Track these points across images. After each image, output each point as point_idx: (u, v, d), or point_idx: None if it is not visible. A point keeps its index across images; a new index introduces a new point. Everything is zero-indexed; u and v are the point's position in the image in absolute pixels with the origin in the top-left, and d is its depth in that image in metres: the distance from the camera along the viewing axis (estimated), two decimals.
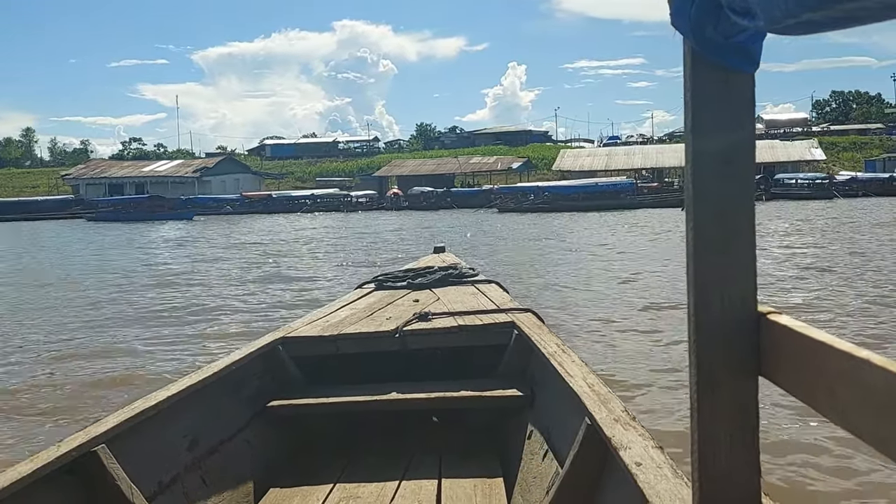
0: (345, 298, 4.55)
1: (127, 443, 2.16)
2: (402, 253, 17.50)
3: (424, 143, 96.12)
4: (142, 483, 2.11)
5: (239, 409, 2.96)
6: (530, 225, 30.03)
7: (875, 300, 8.87)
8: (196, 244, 25.09)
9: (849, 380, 0.77)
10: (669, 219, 29.93)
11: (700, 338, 0.98)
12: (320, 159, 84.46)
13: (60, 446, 1.97)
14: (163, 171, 68.24)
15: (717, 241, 0.97)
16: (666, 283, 10.72)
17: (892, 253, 14.41)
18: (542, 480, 2.46)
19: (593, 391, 2.23)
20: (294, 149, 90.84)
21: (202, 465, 2.52)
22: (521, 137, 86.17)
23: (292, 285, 12.59)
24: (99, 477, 2.01)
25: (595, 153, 65.45)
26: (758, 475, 1.00)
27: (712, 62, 0.93)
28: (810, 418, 4.33)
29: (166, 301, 10.87)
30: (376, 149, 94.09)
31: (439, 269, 5.03)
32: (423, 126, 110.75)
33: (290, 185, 72.26)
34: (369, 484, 2.68)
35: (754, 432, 0.99)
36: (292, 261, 17.21)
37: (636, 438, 1.80)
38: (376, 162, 76.80)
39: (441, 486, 2.64)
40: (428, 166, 67.60)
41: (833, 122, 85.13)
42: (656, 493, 1.48)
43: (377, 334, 3.43)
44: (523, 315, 3.50)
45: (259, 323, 8.47)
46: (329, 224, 37.19)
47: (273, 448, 3.00)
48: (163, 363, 6.70)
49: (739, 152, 0.96)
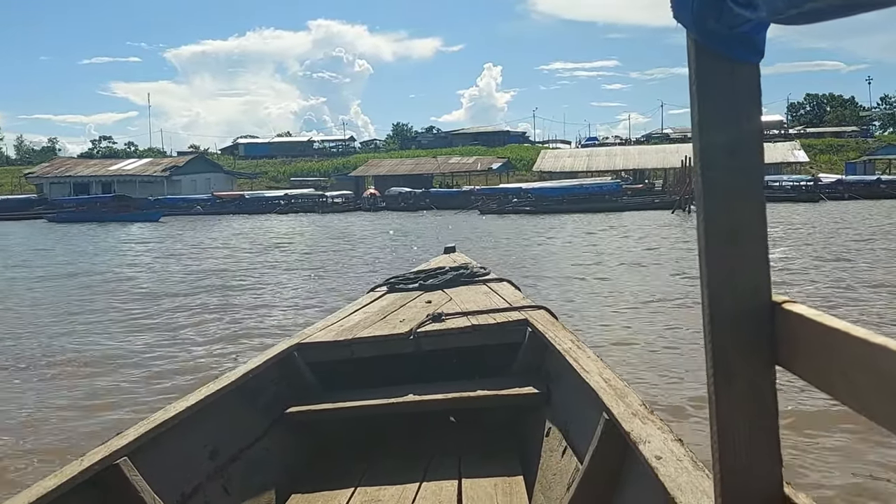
0: (358, 302, 4.49)
1: (148, 455, 2.15)
2: (388, 265, 15.52)
3: (401, 143, 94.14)
4: (165, 494, 2.10)
5: (257, 416, 2.95)
6: (516, 228, 28.30)
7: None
8: (147, 248, 22.94)
9: (866, 366, 0.76)
10: (663, 223, 28.35)
11: (715, 329, 0.97)
12: (295, 159, 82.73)
13: (83, 460, 1.96)
14: (131, 170, 65.27)
15: (727, 233, 0.96)
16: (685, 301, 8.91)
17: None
18: (562, 477, 2.42)
19: (610, 386, 2.22)
20: (268, 148, 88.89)
21: (223, 474, 2.50)
22: (498, 138, 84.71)
23: (237, 316, 9.41)
24: (122, 490, 2.00)
25: (576, 154, 64.03)
26: (779, 465, 0.99)
27: (716, 54, 0.92)
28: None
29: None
30: (352, 148, 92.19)
31: (451, 270, 4.95)
32: (399, 126, 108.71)
33: (263, 184, 70.57)
34: (390, 487, 2.66)
35: (774, 422, 0.98)
36: (250, 274, 14.60)
37: (655, 432, 1.79)
38: (352, 162, 74.84)
39: (461, 487, 2.62)
40: (406, 166, 65.53)
41: (808, 124, 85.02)
42: (678, 485, 1.48)
43: (391, 337, 3.40)
44: (537, 312, 3.48)
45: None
46: (304, 227, 35.10)
47: (292, 454, 2.99)
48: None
49: (747, 144, 0.95)
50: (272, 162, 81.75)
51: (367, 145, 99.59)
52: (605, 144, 77.60)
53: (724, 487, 0.98)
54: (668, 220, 30.21)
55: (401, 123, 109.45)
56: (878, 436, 3.99)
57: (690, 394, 5.14)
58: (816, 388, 0.89)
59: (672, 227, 26.21)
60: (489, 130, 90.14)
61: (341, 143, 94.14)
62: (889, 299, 9.28)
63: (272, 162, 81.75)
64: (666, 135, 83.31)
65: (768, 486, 0.99)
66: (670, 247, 18.12)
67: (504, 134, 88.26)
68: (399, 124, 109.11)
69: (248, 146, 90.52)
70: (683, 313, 8.40)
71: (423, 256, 10.71)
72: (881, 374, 0.73)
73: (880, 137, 73.96)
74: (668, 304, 9.29)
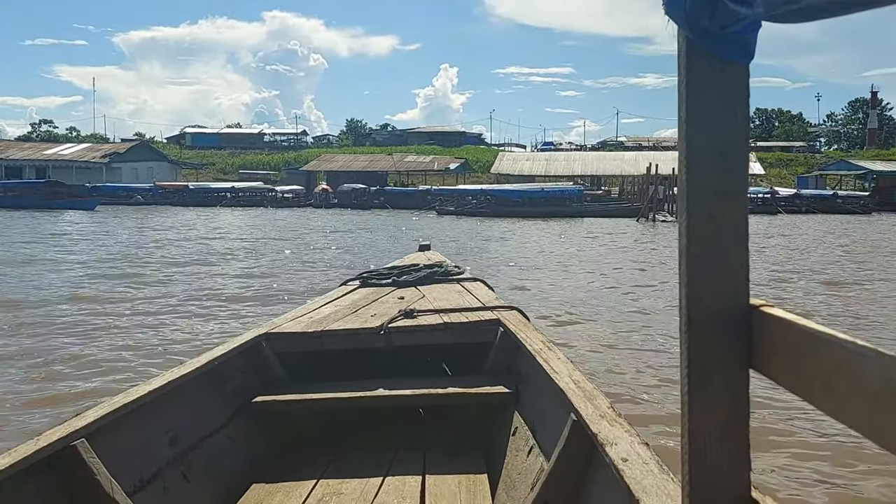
0: (329, 295, 4.46)
1: (107, 437, 2.11)
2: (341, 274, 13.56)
3: (355, 140, 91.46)
4: (122, 478, 2.06)
5: (222, 404, 2.89)
6: (474, 231, 26.45)
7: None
8: (70, 241, 20.37)
9: (843, 371, 0.75)
10: (634, 234, 26.96)
11: (692, 330, 0.96)
12: (244, 151, 79.67)
13: (39, 440, 1.92)
14: (67, 155, 61.15)
15: (709, 234, 0.95)
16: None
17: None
18: (527, 476, 2.40)
19: (579, 388, 2.21)
20: (217, 139, 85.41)
21: (184, 461, 2.45)
22: (454, 138, 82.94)
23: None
24: (78, 471, 1.96)
25: (534, 157, 62.68)
26: (748, 468, 0.99)
27: (707, 53, 0.92)
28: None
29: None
30: (304, 143, 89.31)
31: (424, 267, 4.92)
32: (353, 122, 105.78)
33: (210, 176, 67.63)
34: (353, 480, 2.64)
35: (745, 425, 0.98)
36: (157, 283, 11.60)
37: (622, 434, 1.78)
38: (304, 156, 72.10)
39: (425, 483, 2.59)
40: (360, 162, 63.07)
41: (757, 138, 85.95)
42: (643, 488, 1.47)
43: (362, 331, 3.37)
44: (509, 313, 3.47)
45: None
46: (249, 222, 32.66)
47: (256, 444, 2.95)
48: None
49: (734, 145, 0.94)
50: (220, 153, 78.53)
51: (319, 140, 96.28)
52: (560, 150, 76.57)
53: (693, 488, 0.98)
54: (638, 230, 28.88)
55: (355, 119, 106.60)
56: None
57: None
58: (792, 393, 0.87)
59: (645, 241, 24.79)
60: (445, 130, 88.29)
61: (293, 137, 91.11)
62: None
63: (220, 153, 78.53)
64: (621, 142, 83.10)
65: (736, 489, 0.98)
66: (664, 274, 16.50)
67: (460, 135, 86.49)
68: (353, 120, 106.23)
69: (196, 136, 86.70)
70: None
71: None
72: (859, 378, 0.72)
73: (827, 153, 75.00)
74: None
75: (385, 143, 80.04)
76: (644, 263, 15.28)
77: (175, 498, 2.32)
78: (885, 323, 8.62)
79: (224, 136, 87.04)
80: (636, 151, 61.75)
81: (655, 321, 8.42)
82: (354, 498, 2.48)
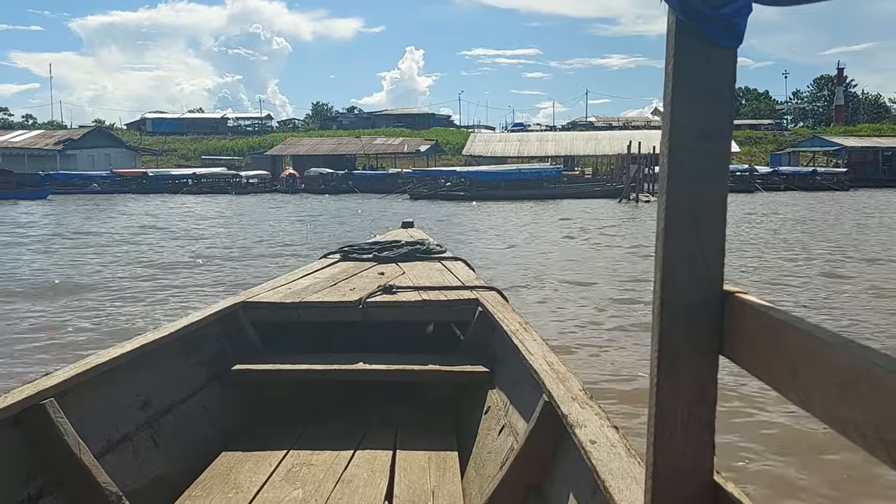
0: (308, 267, 4.43)
1: (77, 398, 2.09)
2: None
3: (321, 123, 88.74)
4: (90, 439, 2.03)
5: (195, 371, 2.87)
6: (453, 216, 24.73)
7: None
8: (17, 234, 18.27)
9: (811, 360, 0.75)
10: (621, 215, 25.53)
11: (664, 314, 0.96)
12: (207, 136, 76.82)
13: (6, 397, 1.90)
14: (19, 142, 57.78)
15: (688, 218, 0.94)
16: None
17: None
18: (496, 455, 2.40)
19: (552, 369, 2.20)
20: (178, 124, 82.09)
21: (154, 426, 2.44)
22: (423, 121, 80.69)
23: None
24: (45, 430, 1.93)
25: (507, 138, 60.77)
26: (712, 453, 1.00)
27: (695, 36, 0.92)
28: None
29: None
30: (269, 127, 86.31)
31: (406, 244, 4.86)
32: (319, 105, 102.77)
33: (172, 162, 65.01)
34: (324, 452, 2.63)
35: (711, 411, 0.98)
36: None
37: (592, 417, 1.79)
38: (269, 141, 69.45)
39: (396, 457, 2.59)
40: (327, 145, 60.69)
41: None
42: (609, 470, 1.47)
43: (340, 304, 3.34)
44: (488, 293, 3.42)
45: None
46: (211, 210, 30.57)
47: (228, 412, 2.93)
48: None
49: (717, 127, 0.94)
50: (182, 139, 75.47)
51: (285, 124, 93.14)
52: (531, 131, 74.89)
53: (657, 471, 0.98)
54: (624, 212, 27.45)
55: (321, 103, 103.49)
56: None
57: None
58: (759, 380, 0.87)
59: (633, 223, 23.31)
60: (413, 112, 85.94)
61: (257, 122, 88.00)
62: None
63: (182, 139, 75.47)
64: (590, 123, 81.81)
65: (699, 472, 0.99)
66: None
67: (429, 116, 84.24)
68: (319, 104, 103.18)
69: (157, 122, 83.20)
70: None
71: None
72: (826, 367, 0.72)
73: (795, 130, 74.63)
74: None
75: (352, 127, 77.61)
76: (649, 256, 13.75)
77: (143, 461, 2.30)
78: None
79: (186, 122, 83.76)
80: (609, 131, 60.45)
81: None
82: (324, 469, 2.48)
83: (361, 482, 2.38)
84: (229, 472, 2.44)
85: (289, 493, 2.30)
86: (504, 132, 74.96)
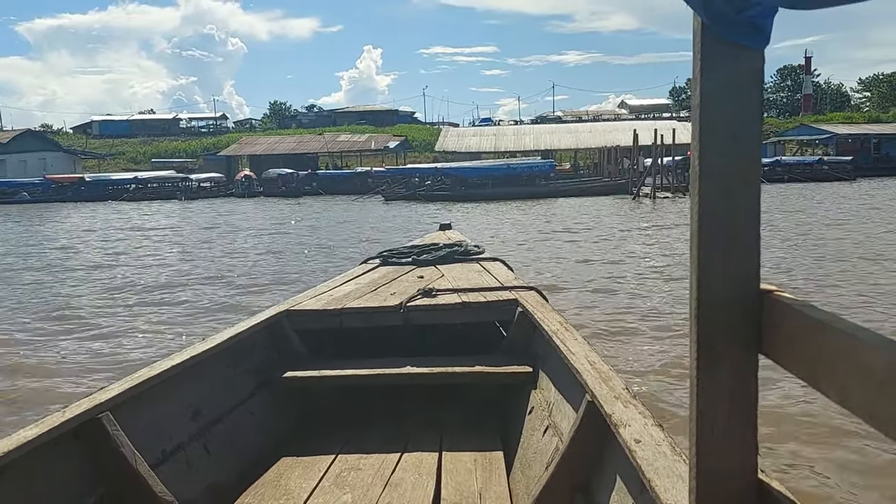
0: (349, 273, 4.33)
1: (131, 411, 2.10)
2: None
3: (279, 123, 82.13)
4: (145, 451, 2.04)
5: (242, 380, 2.84)
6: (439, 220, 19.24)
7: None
8: None
9: (850, 358, 0.74)
10: (632, 215, 20.43)
11: (702, 314, 0.95)
12: (158, 138, 70.08)
13: (65, 412, 1.89)
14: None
15: (722, 218, 0.93)
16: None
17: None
18: (541, 456, 2.36)
19: (594, 369, 2.18)
20: (128, 126, 75.33)
21: (205, 435, 2.42)
22: (386, 117, 75.02)
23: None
24: (103, 443, 1.93)
25: (481, 132, 55.36)
26: (755, 451, 0.97)
27: (722, 37, 0.90)
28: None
29: None
30: (224, 128, 79.68)
31: (444, 246, 4.81)
32: (277, 104, 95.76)
33: (120, 166, 58.40)
34: (371, 455, 2.60)
35: (753, 409, 0.96)
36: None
37: (636, 416, 1.75)
38: (224, 141, 63.26)
39: (441, 459, 2.55)
40: (286, 144, 54.55)
41: (688, 108, 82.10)
42: (654, 469, 1.44)
43: (381, 309, 3.28)
44: (527, 293, 3.33)
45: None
46: (149, 221, 24.54)
47: (276, 420, 2.91)
48: None
49: (747, 128, 0.92)
50: (131, 142, 68.95)
51: (241, 125, 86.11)
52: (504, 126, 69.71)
53: (700, 470, 0.96)
54: (644, 214, 22.35)
55: (279, 102, 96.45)
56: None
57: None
58: (799, 379, 0.86)
59: (667, 231, 18.11)
60: (377, 109, 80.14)
61: (212, 122, 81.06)
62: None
63: (131, 142, 68.95)
64: (558, 117, 77.22)
65: (744, 471, 0.97)
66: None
67: (392, 113, 78.53)
68: (277, 103, 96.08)
69: (105, 124, 75.99)
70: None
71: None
72: (864, 366, 0.72)
73: (766, 120, 71.26)
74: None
75: (312, 125, 71.63)
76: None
77: (196, 470, 2.29)
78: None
79: (136, 123, 76.75)
80: (590, 123, 55.68)
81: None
82: (372, 473, 2.45)
83: (409, 485, 2.36)
84: (280, 479, 2.43)
85: (338, 497, 2.30)
86: (475, 128, 69.62)
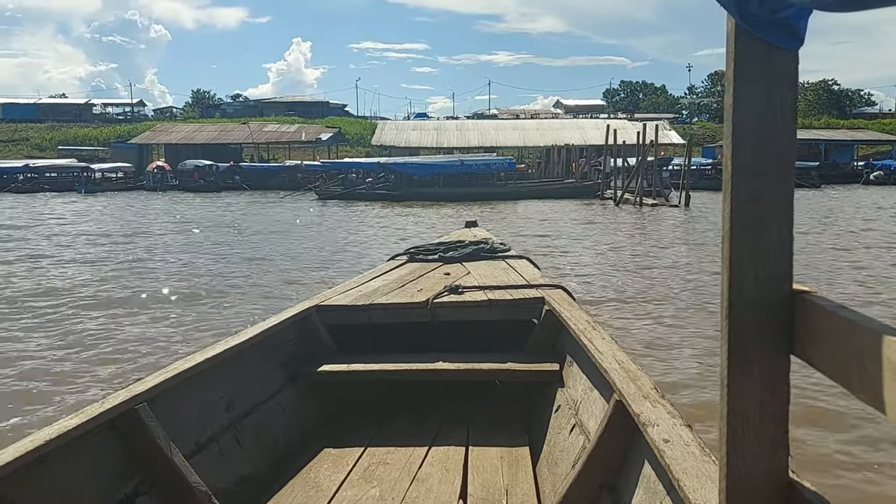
0: (377, 270, 4.32)
1: (166, 402, 2.10)
2: None
3: (202, 112, 74.94)
4: (180, 441, 2.05)
5: (273, 373, 2.84)
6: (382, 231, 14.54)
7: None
8: None
9: (882, 359, 0.72)
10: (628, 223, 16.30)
11: (733, 315, 0.92)
12: (68, 124, 62.04)
13: (104, 403, 1.91)
14: None
15: (754, 219, 0.91)
16: None
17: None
18: (568, 454, 2.32)
19: (622, 368, 2.12)
20: (34, 110, 66.90)
21: (237, 427, 2.43)
22: (317, 109, 69.14)
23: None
24: (140, 433, 1.95)
25: (422, 126, 50.84)
26: (786, 451, 0.95)
27: (755, 38, 0.88)
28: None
29: None
30: (142, 115, 71.98)
31: (471, 244, 4.72)
32: (200, 92, 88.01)
33: (22, 153, 51.25)
34: (398, 450, 2.59)
35: (784, 410, 0.94)
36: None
37: (664, 416, 1.71)
38: (140, 129, 56.05)
39: (468, 455, 2.53)
40: (207, 133, 48.50)
41: (623, 110, 79.92)
42: (683, 469, 1.41)
43: (408, 305, 3.26)
44: (554, 291, 3.30)
45: None
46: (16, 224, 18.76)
47: (305, 413, 2.89)
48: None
49: (780, 128, 0.90)
50: (38, 127, 61.04)
51: (161, 113, 78.36)
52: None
53: (731, 471, 0.94)
54: (634, 222, 18.27)
55: (202, 91, 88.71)
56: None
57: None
58: (831, 380, 0.85)
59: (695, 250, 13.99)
60: (306, 101, 73.98)
61: (129, 109, 73.07)
62: None
63: (38, 127, 61.04)
64: (494, 115, 73.35)
65: (774, 471, 0.94)
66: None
67: (323, 105, 72.58)
68: (200, 91, 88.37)
69: (7, 107, 66.87)
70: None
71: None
72: (894, 366, 0.70)
73: (701, 124, 69.58)
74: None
75: (237, 115, 65.05)
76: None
77: (229, 461, 2.31)
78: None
79: (43, 108, 68.29)
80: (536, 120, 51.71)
81: None
82: (399, 468, 2.44)
83: (436, 480, 2.35)
84: (309, 472, 2.44)
85: (366, 491, 2.29)
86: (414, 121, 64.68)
